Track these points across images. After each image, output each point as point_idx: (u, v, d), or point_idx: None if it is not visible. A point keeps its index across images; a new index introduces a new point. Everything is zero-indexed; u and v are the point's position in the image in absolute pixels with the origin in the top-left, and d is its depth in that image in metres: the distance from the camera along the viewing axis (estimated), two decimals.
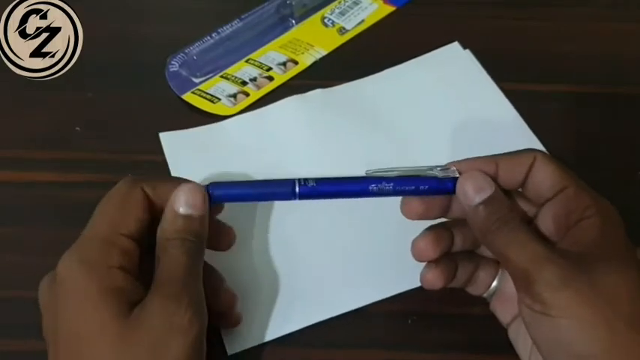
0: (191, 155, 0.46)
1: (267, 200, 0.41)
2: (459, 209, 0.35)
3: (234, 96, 0.50)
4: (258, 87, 0.50)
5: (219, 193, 0.35)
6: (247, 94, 0.50)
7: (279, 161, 0.44)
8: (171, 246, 0.33)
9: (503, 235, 0.32)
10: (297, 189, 0.34)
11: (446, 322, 0.39)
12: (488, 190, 0.33)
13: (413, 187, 0.34)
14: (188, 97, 0.50)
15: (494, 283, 0.37)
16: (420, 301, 0.39)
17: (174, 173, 0.44)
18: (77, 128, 0.48)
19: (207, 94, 0.50)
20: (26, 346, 0.31)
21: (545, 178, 0.33)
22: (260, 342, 0.37)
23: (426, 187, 0.34)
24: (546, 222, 0.34)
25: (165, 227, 0.33)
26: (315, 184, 0.35)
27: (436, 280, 0.36)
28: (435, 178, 0.34)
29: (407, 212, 0.35)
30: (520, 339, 0.35)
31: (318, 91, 0.49)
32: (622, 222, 0.33)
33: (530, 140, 0.46)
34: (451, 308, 0.39)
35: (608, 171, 0.45)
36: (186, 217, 0.33)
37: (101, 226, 0.33)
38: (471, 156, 0.35)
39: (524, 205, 0.35)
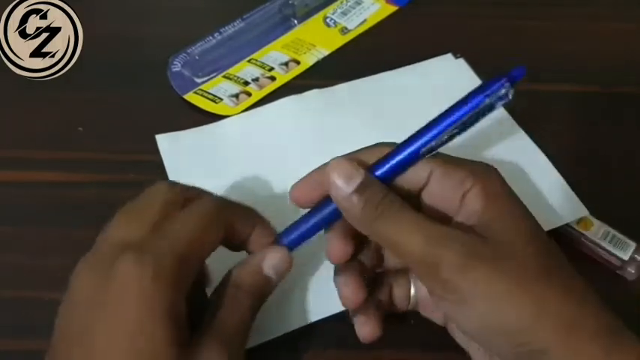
0: (188, 156, 0.45)
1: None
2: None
3: (237, 96, 0.50)
4: (261, 87, 0.50)
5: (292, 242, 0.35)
6: (249, 94, 0.50)
7: (274, 160, 0.44)
8: (242, 296, 0.32)
9: (390, 219, 0.30)
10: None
11: None
12: (357, 178, 0.31)
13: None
14: (190, 97, 0.50)
15: (412, 292, 0.36)
16: None
17: (171, 175, 0.44)
18: (80, 129, 0.48)
19: (210, 94, 0.50)
20: (26, 346, 0.31)
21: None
22: (257, 343, 0.37)
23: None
24: (431, 212, 0.31)
25: (244, 276, 0.33)
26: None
27: (373, 331, 0.35)
28: None
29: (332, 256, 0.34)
30: (456, 334, 0.34)
31: (315, 91, 0.49)
32: (503, 178, 0.31)
33: (523, 141, 0.45)
34: None
35: (608, 171, 0.45)
36: (267, 279, 0.33)
37: (183, 242, 0.30)
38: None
39: None
